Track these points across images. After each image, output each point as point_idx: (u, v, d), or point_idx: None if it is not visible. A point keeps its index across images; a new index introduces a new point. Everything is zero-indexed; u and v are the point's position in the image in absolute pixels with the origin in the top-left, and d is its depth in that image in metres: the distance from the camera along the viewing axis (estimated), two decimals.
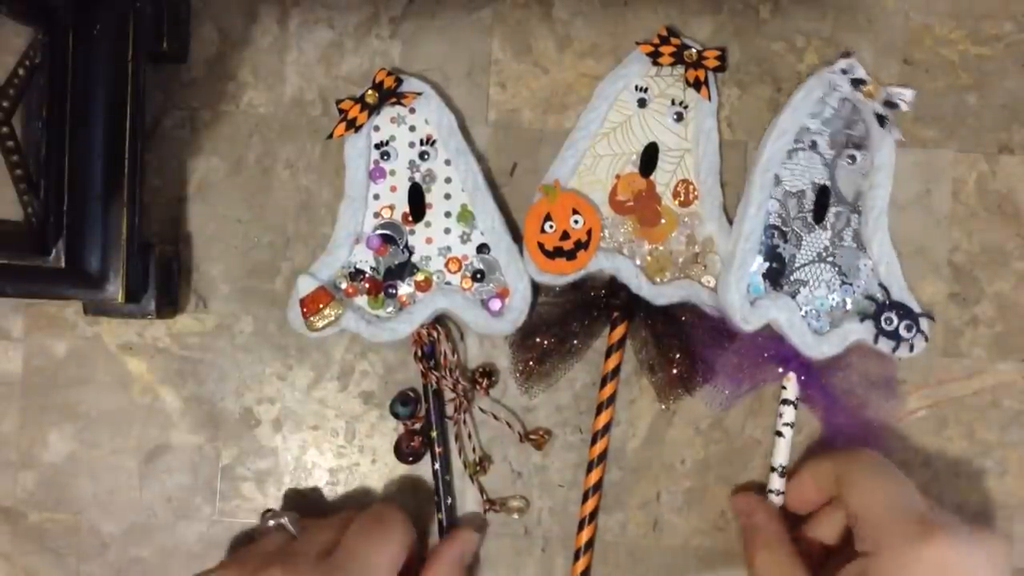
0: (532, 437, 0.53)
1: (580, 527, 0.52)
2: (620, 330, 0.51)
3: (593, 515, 0.52)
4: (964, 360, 0.53)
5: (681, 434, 0.54)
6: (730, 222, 0.52)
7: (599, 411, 0.52)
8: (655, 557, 0.54)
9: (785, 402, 0.52)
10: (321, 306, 0.51)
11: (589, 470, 0.52)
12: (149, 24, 0.50)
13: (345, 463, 0.54)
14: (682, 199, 0.52)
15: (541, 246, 0.51)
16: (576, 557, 0.52)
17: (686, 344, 0.52)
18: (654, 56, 0.52)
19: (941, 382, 0.54)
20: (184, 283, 0.54)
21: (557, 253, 0.51)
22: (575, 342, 0.52)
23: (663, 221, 0.52)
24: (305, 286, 0.51)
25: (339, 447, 0.54)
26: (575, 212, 0.51)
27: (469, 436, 0.53)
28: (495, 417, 0.53)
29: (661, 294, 0.51)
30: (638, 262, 0.52)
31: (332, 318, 0.51)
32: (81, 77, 0.47)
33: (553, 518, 0.54)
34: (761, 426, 0.54)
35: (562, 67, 0.54)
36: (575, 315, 0.52)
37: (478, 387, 0.53)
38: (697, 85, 0.51)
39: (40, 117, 0.47)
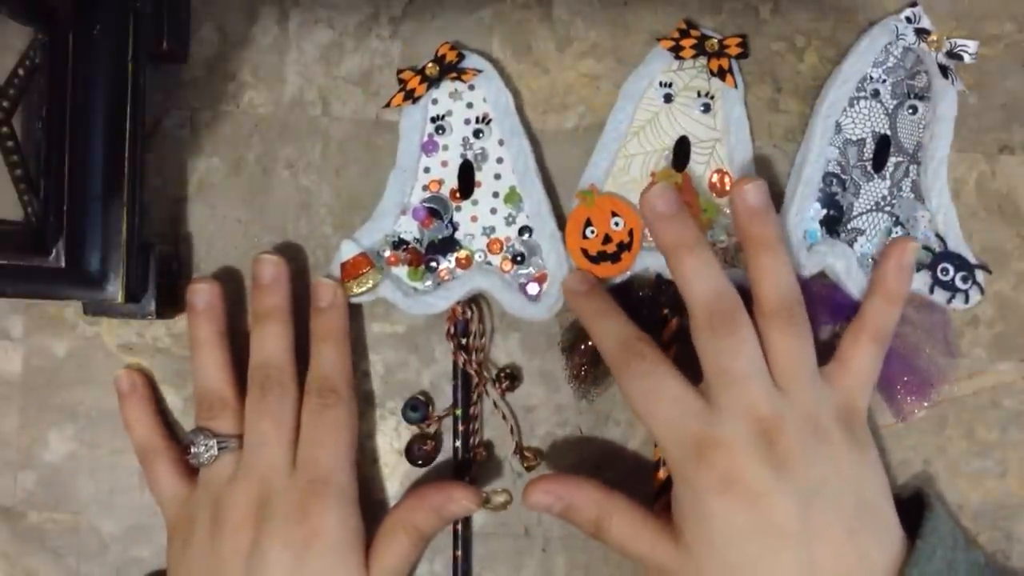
0: (526, 454, 0.53)
1: None
2: (672, 325, 0.51)
3: None
4: (964, 360, 0.53)
5: None
6: None
7: None
8: None
9: None
10: (361, 272, 0.51)
11: None
12: (149, 24, 0.49)
13: None
14: (719, 189, 0.52)
15: (585, 252, 0.51)
16: None
17: None
18: (675, 50, 0.52)
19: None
20: (184, 283, 0.54)
21: (601, 257, 0.51)
22: None
23: (704, 213, 0.52)
24: (347, 251, 0.51)
25: None
26: (614, 214, 0.51)
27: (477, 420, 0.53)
28: (504, 417, 0.53)
29: None
30: None
31: (371, 284, 0.51)
32: (81, 77, 0.47)
33: (553, 518, 0.54)
34: None
35: (562, 67, 0.54)
36: None
37: (497, 384, 0.53)
38: (722, 74, 0.51)
39: (40, 117, 0.47)
